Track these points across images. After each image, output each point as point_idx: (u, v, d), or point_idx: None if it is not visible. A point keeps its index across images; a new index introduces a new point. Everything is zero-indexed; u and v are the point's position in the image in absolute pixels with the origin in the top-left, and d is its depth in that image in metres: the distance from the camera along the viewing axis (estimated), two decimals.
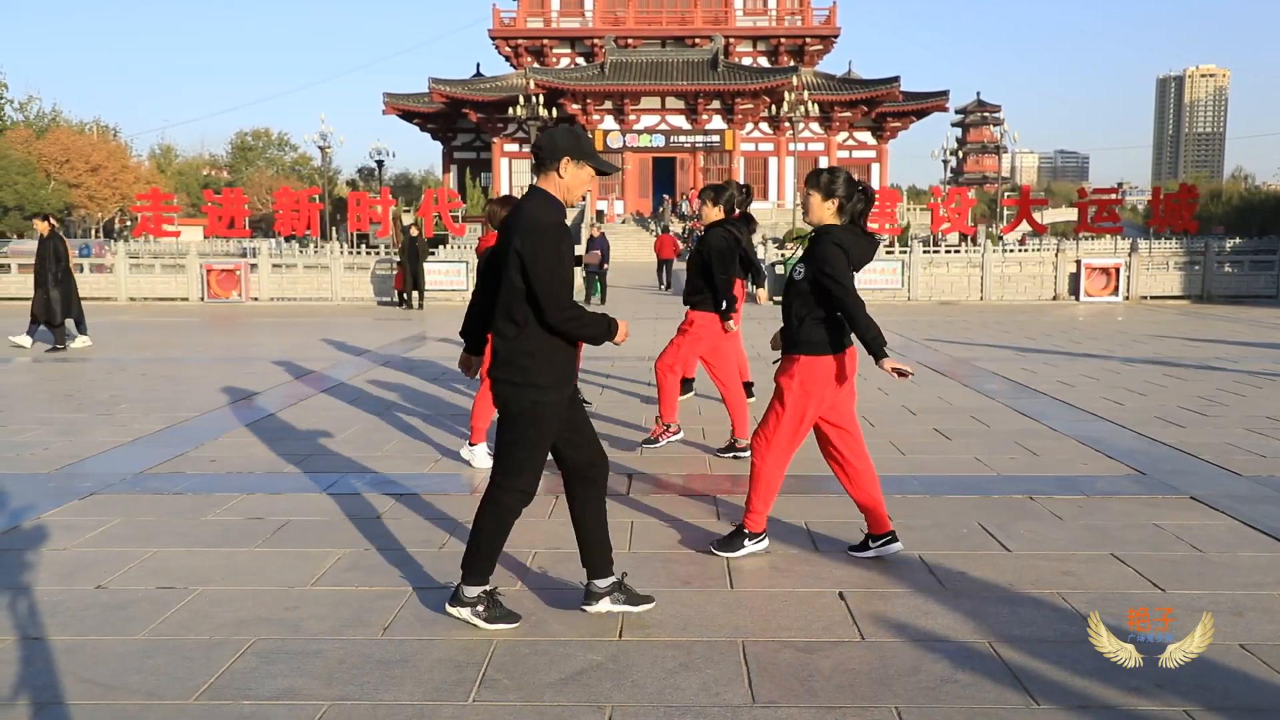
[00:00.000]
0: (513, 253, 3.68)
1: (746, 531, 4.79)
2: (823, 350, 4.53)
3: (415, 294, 22.09)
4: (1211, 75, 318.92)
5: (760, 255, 25.12)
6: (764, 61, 62.33)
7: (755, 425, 4.97)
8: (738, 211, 7.20)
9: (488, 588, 3.93)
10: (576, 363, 3.99)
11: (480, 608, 3.88)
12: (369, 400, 9.29)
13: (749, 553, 4.76)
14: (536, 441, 3.84)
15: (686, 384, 8.24)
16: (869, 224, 4.72)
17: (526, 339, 3.74)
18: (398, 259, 23.22)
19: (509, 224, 3.81)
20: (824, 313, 4.51)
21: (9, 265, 25.83)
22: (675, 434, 7.05)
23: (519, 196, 6.97)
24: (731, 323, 7.09)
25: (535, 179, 3.88)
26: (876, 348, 4.37)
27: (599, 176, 3.93)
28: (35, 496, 5.82)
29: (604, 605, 3.97)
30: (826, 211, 4.56)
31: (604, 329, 3.82)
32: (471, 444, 6.73)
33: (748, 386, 8.46)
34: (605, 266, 23.19)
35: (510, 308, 3.74)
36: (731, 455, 6.87)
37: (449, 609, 3.93)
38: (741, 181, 56.13)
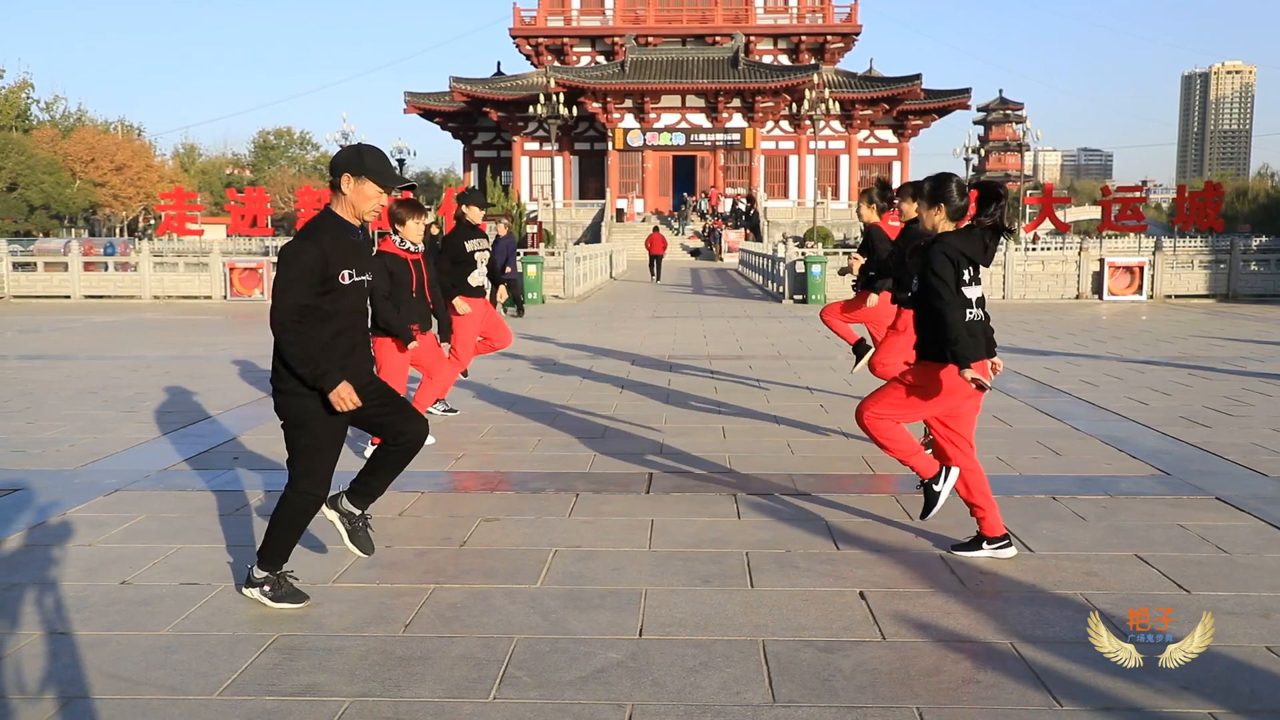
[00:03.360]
0: None
1: (985, 537, 4.71)
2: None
3: None
4: (1238, 72, 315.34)
5: (781, 254, 25.06)
6: (785, 59, 62.19)
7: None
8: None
9: (280, 571, 4.12)
10: (350, 360, 3.95)
11: (267, 588, 4.09)
12: None
13: (989, 555, 4.68)
14: (315, 445, 3.95)
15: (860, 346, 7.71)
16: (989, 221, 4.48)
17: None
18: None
19: None
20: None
21: (35, 264, 26.11)
22: None
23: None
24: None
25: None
26: (961, 357, 4.29)
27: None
28: (61, 493, 5.88)
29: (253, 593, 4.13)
30: (938, 218, 4.55)
31: (312, 369, 3.78)
32: None
33: None
34: (509, 272, 18.29)
35: None
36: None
37: (243, 591, 4.16)
38: (761, 180, 55.30)
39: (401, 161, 51.44)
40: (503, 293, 10.93)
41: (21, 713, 3.21)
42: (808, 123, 52.91)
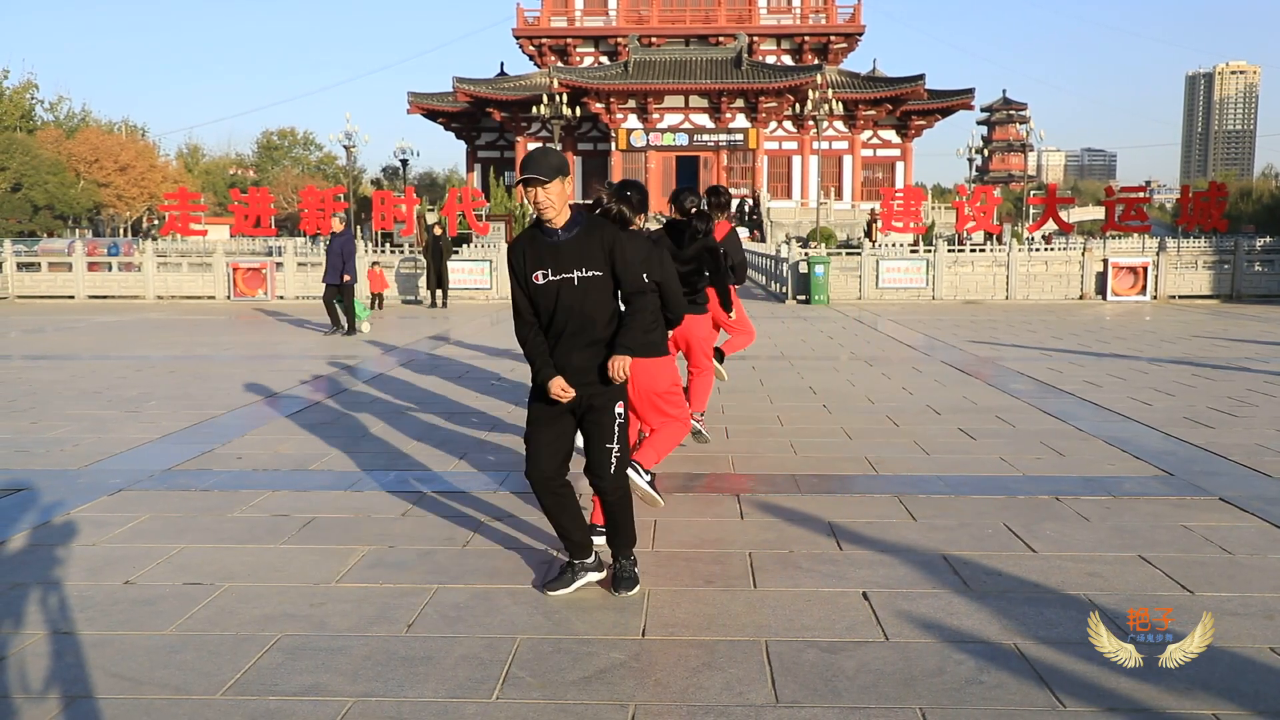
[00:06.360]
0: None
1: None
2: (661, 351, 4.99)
3: (440, 293, 22.19)
4: (1242, 72, 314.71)
5: (785, 254, 25.07)
6: (788, 60, 62.14)
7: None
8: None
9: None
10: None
11: (636, 569, 4.36)
12: (393, 398, 9.34)
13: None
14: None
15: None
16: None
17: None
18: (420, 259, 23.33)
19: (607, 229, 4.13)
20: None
21: (40, 264, 26.15)
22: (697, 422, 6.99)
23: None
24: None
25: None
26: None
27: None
28: (65, 493, 5.89)
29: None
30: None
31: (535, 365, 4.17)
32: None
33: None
34: (347, 280, 15.43)
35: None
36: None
37: (619, 594, 4.23)
38: (764, 181, 55.00)
39: (405, 162, 51.49)
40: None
41: (25, 712, 3.22)
42: (811, 123, 52.82)
